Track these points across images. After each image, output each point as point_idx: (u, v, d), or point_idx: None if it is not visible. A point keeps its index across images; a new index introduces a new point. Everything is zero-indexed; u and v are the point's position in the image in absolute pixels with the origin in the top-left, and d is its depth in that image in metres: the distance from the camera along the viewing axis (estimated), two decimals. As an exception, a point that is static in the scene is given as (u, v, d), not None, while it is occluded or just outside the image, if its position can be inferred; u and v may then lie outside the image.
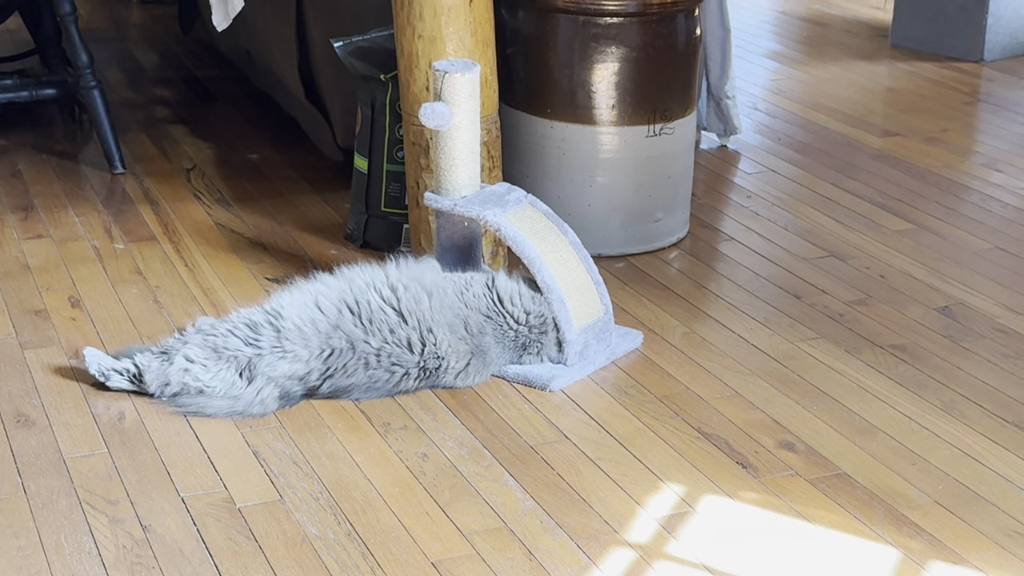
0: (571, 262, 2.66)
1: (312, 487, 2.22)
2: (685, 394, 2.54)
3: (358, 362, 2.45)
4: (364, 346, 2.45)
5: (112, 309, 2.85)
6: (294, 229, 3.28)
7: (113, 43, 4.92)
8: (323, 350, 2.44)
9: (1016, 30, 4.75)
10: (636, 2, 3.00)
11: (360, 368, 2.44)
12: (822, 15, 5.40)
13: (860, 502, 2.20)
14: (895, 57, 4.80)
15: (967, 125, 4.11)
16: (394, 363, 2.46)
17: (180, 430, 2.39)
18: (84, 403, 2.47)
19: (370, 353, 2.45)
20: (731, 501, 2.20)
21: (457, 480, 2.25)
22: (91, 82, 3.64)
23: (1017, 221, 3.37)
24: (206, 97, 4.32)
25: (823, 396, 2.53)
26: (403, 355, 2.46)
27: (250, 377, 2.42)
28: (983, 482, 2.26)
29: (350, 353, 2.44)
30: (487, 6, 2.88)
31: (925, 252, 3.18)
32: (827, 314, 2.87)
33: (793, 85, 4.49)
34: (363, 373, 2.45)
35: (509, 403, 2.50)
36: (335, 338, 2.45)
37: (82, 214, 3.35)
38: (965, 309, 2.89)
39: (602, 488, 2.23)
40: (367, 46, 3.10)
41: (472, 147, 2.67)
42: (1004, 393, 2.54)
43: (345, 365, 2.44)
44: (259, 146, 3.86)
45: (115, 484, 2.23)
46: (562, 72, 3.06)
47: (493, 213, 2.63)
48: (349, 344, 2.45)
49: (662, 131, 3.12)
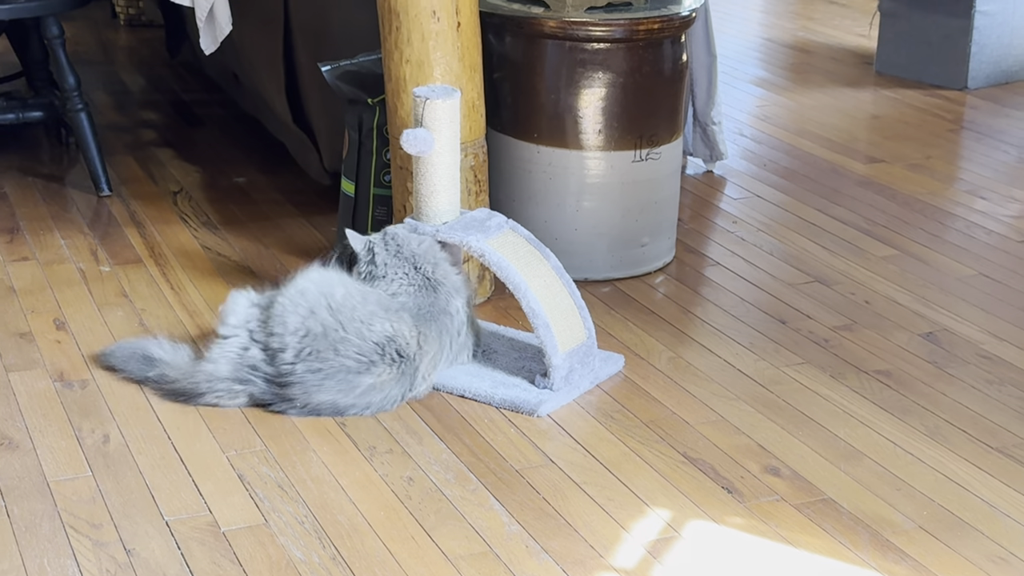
0: (554, 287, 2.67)
1: (297, 511, 2.22)
2: (671, 419, 2.54)
3: (328, 347, 2.46)
4: (334, 333, 2.47)
5: (97, 332, 2.84)
6: (281, 252, 3.28)
7: (100, 66, 4.93)
8: (297, 329, 2.48)
9: (999, 58, 4.78)
10: (623, 28, 3.02)
11: (331, 354, 2.45)
12: (807, 42, 5.43)
13: (845, 527, 2.20)
14: (880, 84, 4.83)
15: (951, 152, 4.14)
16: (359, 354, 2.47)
17: (164, 453, 2.38)
18: (68, 426, 2.47)
19: (338, 340, 2.47)
20: (716, 526, 2.20)
21: (443, 504, 2.25)
22: (78, 105, 3.64)
23: (1001, 248, 3.38)
24: (193, 120, 4.32)
25: (808, 421, 2.54)
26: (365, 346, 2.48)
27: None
28: (967, 508, 2.26)
29: (323, 338, 2.47)
30: (475, 31, 2.89)
31: (909, 278, 3.20)
32: (812, 339, 2.87)
33: (778, 111, 4.52)
34: (334, 359, 2.45)
35: (495, 427, 2.50)
36: (311, 321, 2.49)
37: (68, 237, 3.35)
38: (949, 335, 2.90)
39: (588, 513, 2.23)
40: (354, 70, 3.11)
41: (453, 173, 2.68)
42: (988, 419, 2.55)
43: (318, 350, 2.46)
44: (246, 169, 3.86)
45: (99, 507, 2.22)
46: (549, 97, 3.07)
47: (476, 239, 2.63)
48: (323, 329, 2.48)
49: (648, 156, 3.13)
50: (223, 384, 2.50)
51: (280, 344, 2.49)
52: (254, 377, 2.50)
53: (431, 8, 2.80)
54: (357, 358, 2.47)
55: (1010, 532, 2.20)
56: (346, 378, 2.47)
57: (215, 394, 2.51)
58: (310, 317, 2.50)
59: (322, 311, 2.50)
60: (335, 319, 2.49)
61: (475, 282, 2.98)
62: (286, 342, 2.49)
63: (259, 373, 2.50)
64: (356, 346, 2.47)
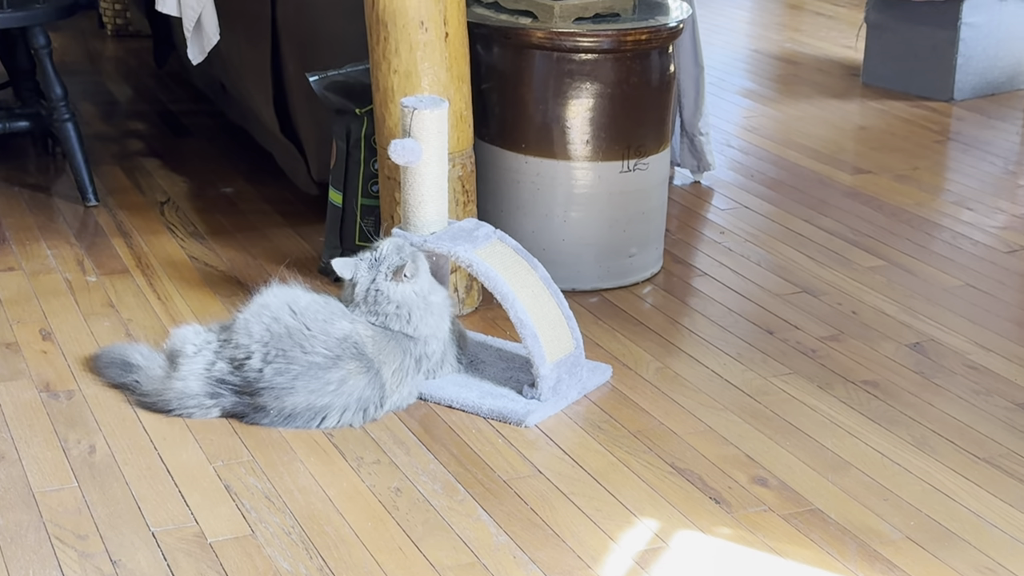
0: (542, 297, 2.66)
1: (284, 521, 2.21)
2: (658, 429, 2.54)
3: (295, 346, 2.46)
4: (299, 333, 2.49)
5: (84, 342, 2.83)
6: (268, 263, 3.27)
7: (87, 76, 4.92)
8: (262, 336, 2.50)
9: (985, 70, 4.80)
10: (611, 39, 3.02)
11: (298, 352, 2.46)
12: (795, 54, 5.44)
13: (832, 537, 2.20)
14: (866, 95, 4.85)
15: (937, 163, 4.15)
16: (325, 349, 2.47)
17: (151, 464, 2.37)
18: (54, 437, 2.46)
19: (304, 339, 2.48)
20: (704, 536, 2.20)
21: (430, 515, 2.24)
22: (65, 115, 3.63)
23: (987, 259, 3.39)
24: (180, 130, 4.32)
25: (796, 432, 2.54)
26: (330, 340, 2.49)
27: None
28: (954, 518, 2.26)
29: (288, 339, 2.48)
30: (463, 42, 2.90)
31: (896, 289, 3.20)
32: (800, 350, 2.88)
33: (766, 122, 4.53)
34: (302, 358, 2.45)
35: (483, 437, 2.50)
36: (275, 326, 2.51)
37: (54, 247, 3.34)
38: (936, 345, 2.90)
39: (575, 523, 2.23)
40: (342, 80, 3.11)
41: (440, 183, 2.68)
42: (975, 429, 2.55)
43: (284, 350, 2.46)
44: (233, 179, 3.86)
45: (85, 518, 2.21)
46: (537, 108, 3.07)
47: (464, 249, 2.63)
48: (287, 330, 2.50)
49: (636, 167, 3.14)
50: (194, 400, 2.51)
51: (246, 353, 2.50)
52: (223, 390, 2.50)
53: (419, 19, 2.80)
54: (324, 353, 2.47)
55: (997, 542, 2.20)
56: (316, 375, 2.47)
57: (187, 410, 2.51)
58: (274, 323, 2.52)
59: (285, 316, 2.53)
60: (299, 321, 2.51)
61: (463, 293, 2.98)
62: (252, 350, 2.50)
63: (228, 386, 2.50)
64: (322, 342, 2.49)
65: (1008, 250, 3.45)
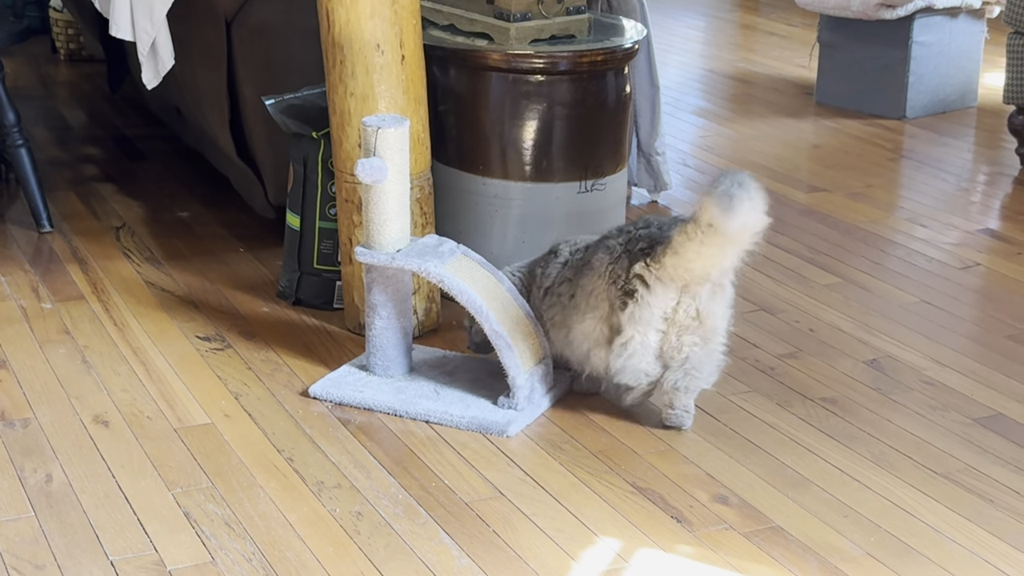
0: (511, 308, 2.68)
1: (245, 548, 2.20)
2: (619, 449, 2.54)
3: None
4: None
5: (39, 370, 2.80)
6: (225, 287, 3.26)
7: (40, 101, 4.89)
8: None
9: (937, 88, 4.86)
10: (567, 60, 3.04)
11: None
12: (749, 73, 5.49)
13: (794, 555, 2.21)
14: (820, 114, 4.89)
15: (891, 181, 4.19)
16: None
17: (109, 492, 2.35)
18: (10, 466, 2.43)
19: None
20: (666, 555, 2.21)
21: (392, 538, 2.23)
22: (18, 140, 3.60)
23: (941, 275, 3.43)
24: (135, 155, 4.29)
25: (756, 449, 2.55)
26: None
27: None
28: (913, 533, 2.28)
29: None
30: (419, 64, 2.90)
31: (853, 306, 3.23)
32: (758, 368, 2.89)
33: (721, 142, 4.55)
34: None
35: (443, 460, 2.49)
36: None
37: (8, 273, 3.31)
38: (893, 362, 2.93)
39: (537, 544, 2.23)
40: (299, 104, 3.10)
41: (403, 200, 2.69)
42: (932, 445, 2.57)
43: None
44: (189, 204, 3.84)
45: (42, 548, 2.18)
46: (494, 129, 3.08)
47: (434, 265, 2.64)
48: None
49: (594, 187, 3.15)
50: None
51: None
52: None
53: (375, 41, 2.80)
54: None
55: (956, 557, 2.21)
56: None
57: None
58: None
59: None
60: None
61: (422, 315, 2.98)
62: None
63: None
64: None
65: (962, 266, 3.49)
